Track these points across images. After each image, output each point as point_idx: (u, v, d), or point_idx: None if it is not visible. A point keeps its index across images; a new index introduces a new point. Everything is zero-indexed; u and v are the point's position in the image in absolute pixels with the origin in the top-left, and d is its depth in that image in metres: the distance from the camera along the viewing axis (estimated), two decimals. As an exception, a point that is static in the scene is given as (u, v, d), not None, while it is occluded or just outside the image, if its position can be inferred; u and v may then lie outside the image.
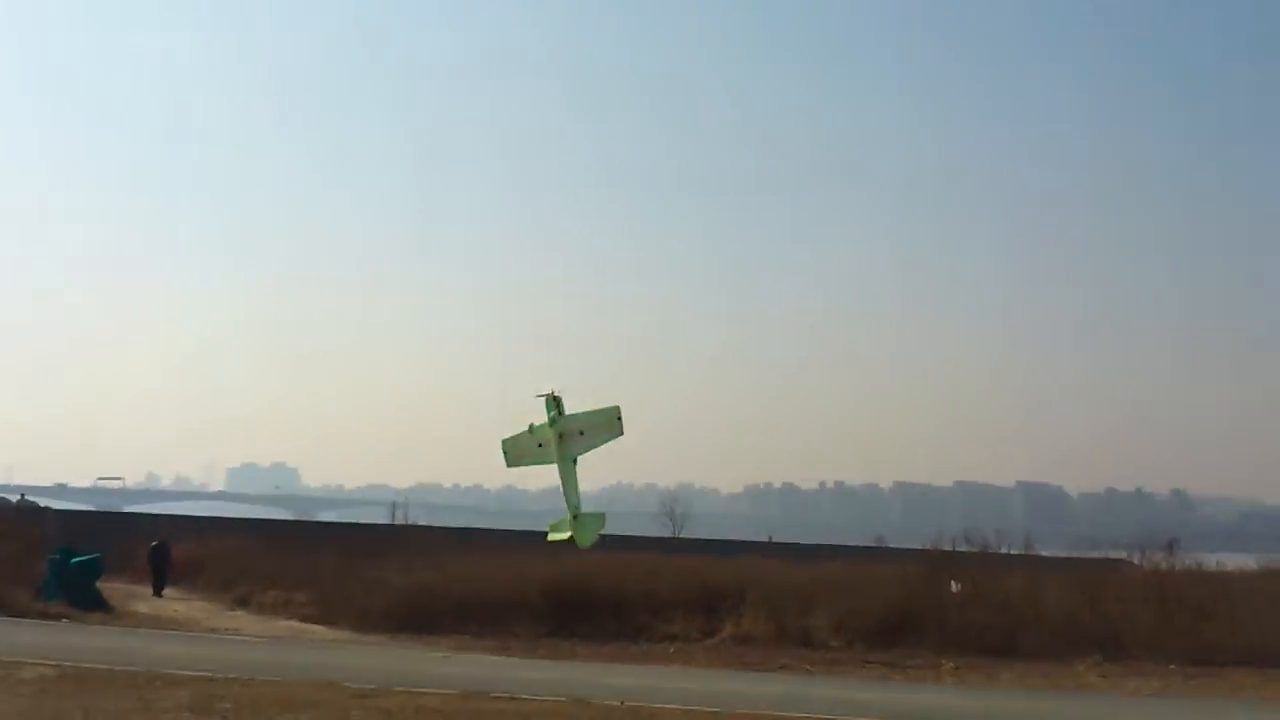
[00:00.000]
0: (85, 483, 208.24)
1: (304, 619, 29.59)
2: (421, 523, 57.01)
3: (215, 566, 36.60)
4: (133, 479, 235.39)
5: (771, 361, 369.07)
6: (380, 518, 74.57)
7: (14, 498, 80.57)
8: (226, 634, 26.11)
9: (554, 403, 12.40)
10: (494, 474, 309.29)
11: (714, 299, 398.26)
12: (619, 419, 13.05)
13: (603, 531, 14.99)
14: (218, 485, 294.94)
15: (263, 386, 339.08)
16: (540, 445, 12.77)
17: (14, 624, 24.93)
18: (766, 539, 65.30)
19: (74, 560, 29.85)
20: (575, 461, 13.16)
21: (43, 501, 74.58)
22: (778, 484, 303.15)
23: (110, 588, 30.74)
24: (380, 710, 15.24)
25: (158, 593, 33.58)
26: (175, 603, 32.23)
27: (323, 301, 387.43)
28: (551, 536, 13.51)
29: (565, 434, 12.51)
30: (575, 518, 12.69)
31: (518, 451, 13.39)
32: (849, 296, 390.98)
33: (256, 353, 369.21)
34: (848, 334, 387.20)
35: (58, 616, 26.69)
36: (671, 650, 26.13)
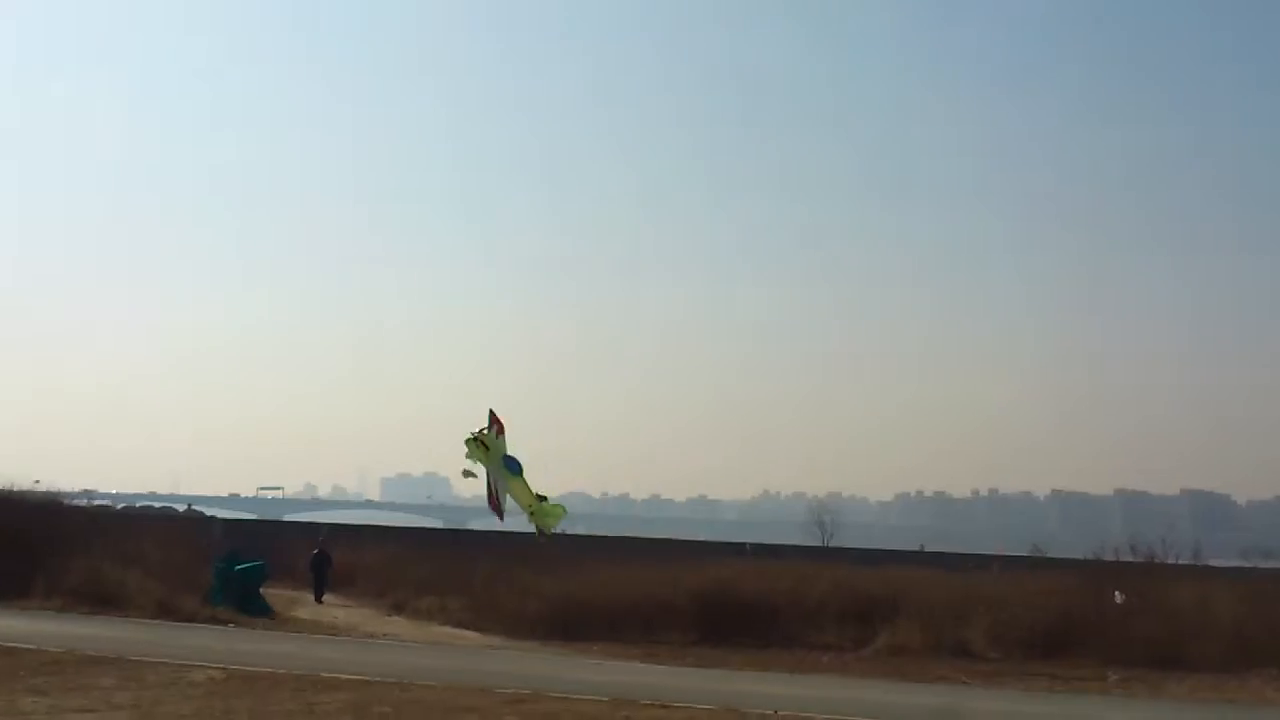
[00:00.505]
0: (248, 492, 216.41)
1: (458, 624, 30.06)
2: (570, 531, 57.37)
3: (371, 573, 37.43)
4: (292, 489, 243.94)
5: (919, 366, 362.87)
6: (530, 526, 75.54)
7: (181, 507, 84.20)
8: (384, 639, 26.66)
9: (476, 445, 13.19)
10: (640, 483, 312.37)
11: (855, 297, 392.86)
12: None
13: (559, 522, 15.27)
14: (372, 494, 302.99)
15: (417, 398, 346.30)
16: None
17: (184, 628, 25.90)
18: (918, 548, 64.11)
19: (238, 567, 30.85)
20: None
21: (208, 511, 77.67)
22: (929, 492, 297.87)
23: (272, 593, 31.66)
24: (534, 715, 15.34)
25: (318, 598, 34.32)
26: (334, 608, 33.05)
27: (480, 312, 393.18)
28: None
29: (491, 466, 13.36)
30: (533, 511, 13.40)
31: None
32: (1008, 298, 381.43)
33: (416, 363, 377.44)
34: (1003, 337, 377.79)
35: (224, 621, 27.57)
36: (825, 659, 25.76)
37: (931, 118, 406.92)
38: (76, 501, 41.98)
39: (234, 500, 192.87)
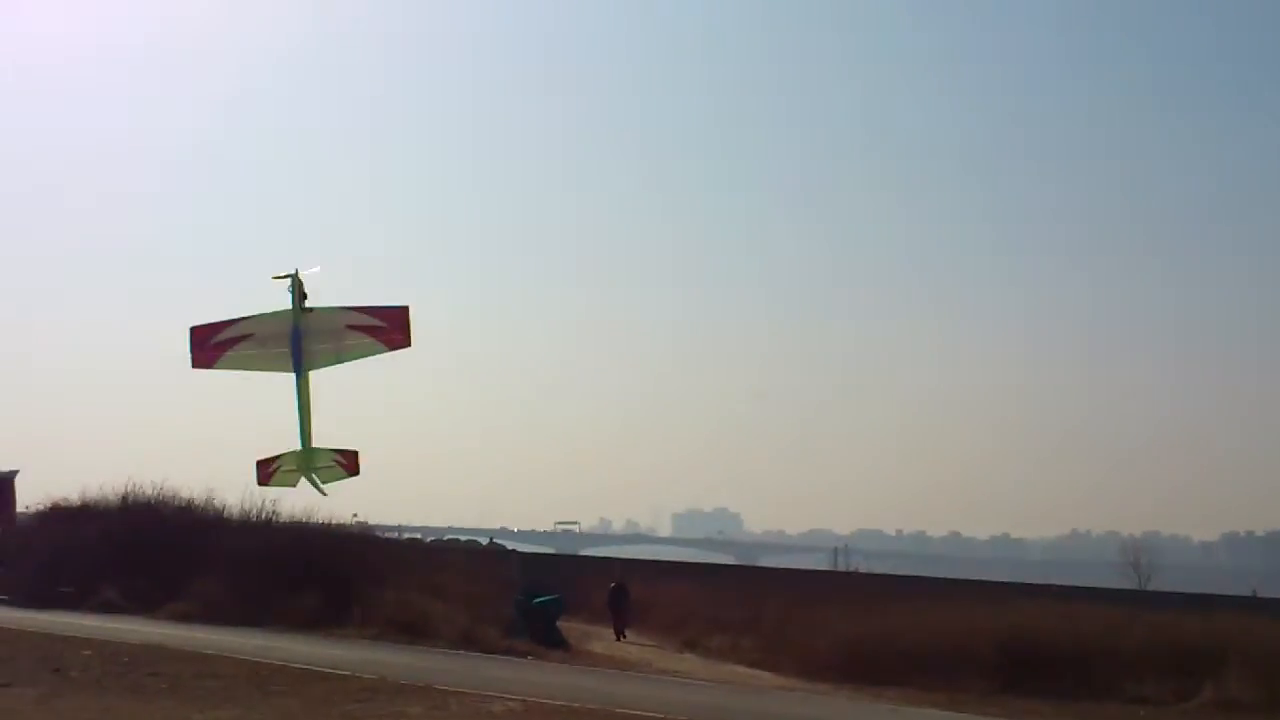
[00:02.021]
0: (545, 526, 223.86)
1: (750, 664, 29.76)
2: (864, 569, 56.14)
3: (663, 609, 37.56)
4: (587, 523, 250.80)
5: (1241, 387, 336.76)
6: (821, 564, 74.62)
7: (484, 540, 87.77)
8: (677, 677, 26.65)
9: (296, 284, 8.77)
10: (936, 520, 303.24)
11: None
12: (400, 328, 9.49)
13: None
14: (664, 530, 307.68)
15: (703, 433, 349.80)
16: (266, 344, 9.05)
17: (485, 659, 26.77)
18: (1251, 593, 59.01)
19: (537, 601, 31.66)
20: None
21: (508, 544, 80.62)
22: (1260, 531, 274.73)
23: (568, 626, 32.30)
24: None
25: (619, 635, 34.03)
26: (627, 644, 33.31)
27: (770, 339, 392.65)
28: (276, 482, 10.59)
29: (310, 332, 8.94)
30: (306, 451, 9.48)
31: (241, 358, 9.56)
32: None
33: (697, 399, 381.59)
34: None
35: (523, 653, 28.31)
36: (1142, 714, 23.90)
37: None
38: (389, 535, 44.32)
39: (531, 535, 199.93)
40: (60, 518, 40.98)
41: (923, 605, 31.72)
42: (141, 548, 35.08)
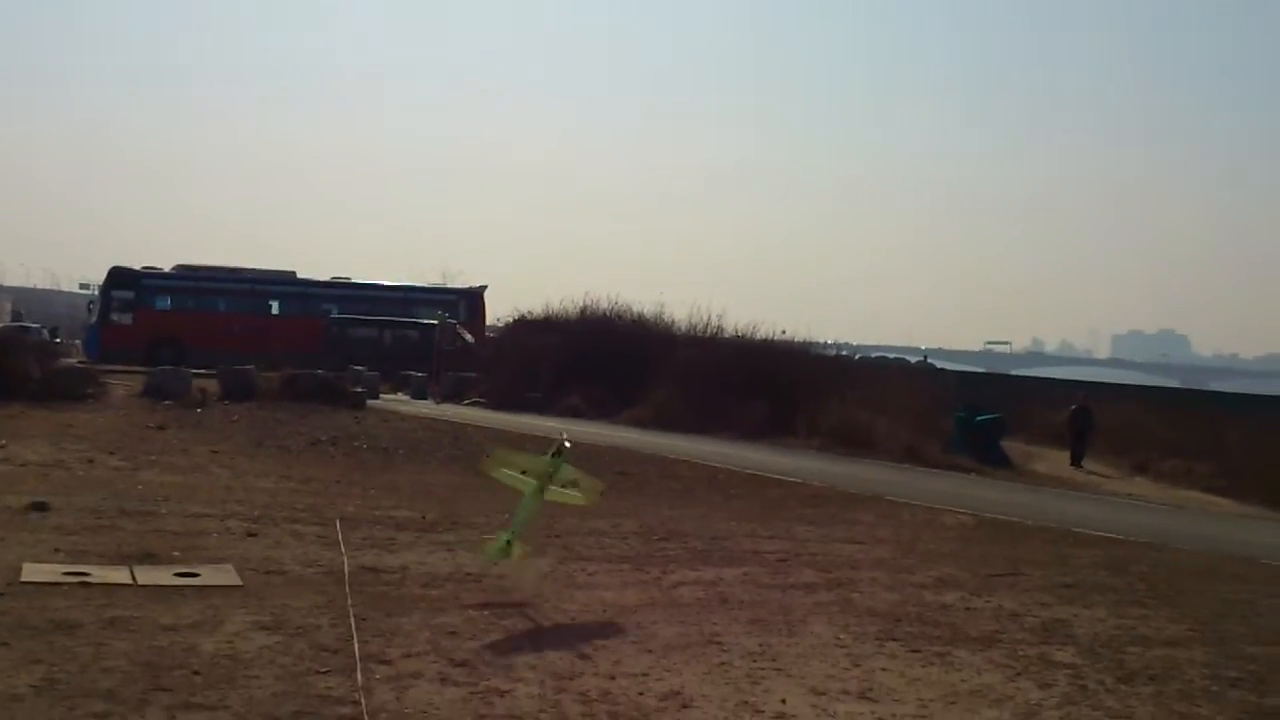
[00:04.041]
0: (974, 346, 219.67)
1: (1207, 490, 28.34)
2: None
3: (1108, 433, 36.13)
4: (1018, 344, 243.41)
5: None
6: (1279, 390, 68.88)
7: (914, 359, 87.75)
8: (1129, 499, 25.94)
9: (559, 451, 11.00)
10: None
11: None
12: (600, 494, 11.59)
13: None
14: (1101, 352, 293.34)
15: (1160, 249, 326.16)
16: (524, 472, 11.14)
17: (928, 473, 27.17)
18: None
19: (979, 418, 31.52)
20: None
21: (937, 363, 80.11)
22: None
23: (1008, 446, 31.96)
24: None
25: (1076, 462, 32.39)
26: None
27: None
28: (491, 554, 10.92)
29: (553, 475, 11.01)
30: (509, 542, 10.56)
31: (499, 460, 11.73)
32: None
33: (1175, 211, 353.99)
34: None
35: (965, 470, 28.47)
36: None
37: None
38: (826, 351, 45.33)
39: (960, 354, 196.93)
40: (526, 330, 44.99)
41: None
42: (599, 358, 37.94)
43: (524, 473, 11.19)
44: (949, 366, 79.92)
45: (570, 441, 11.54)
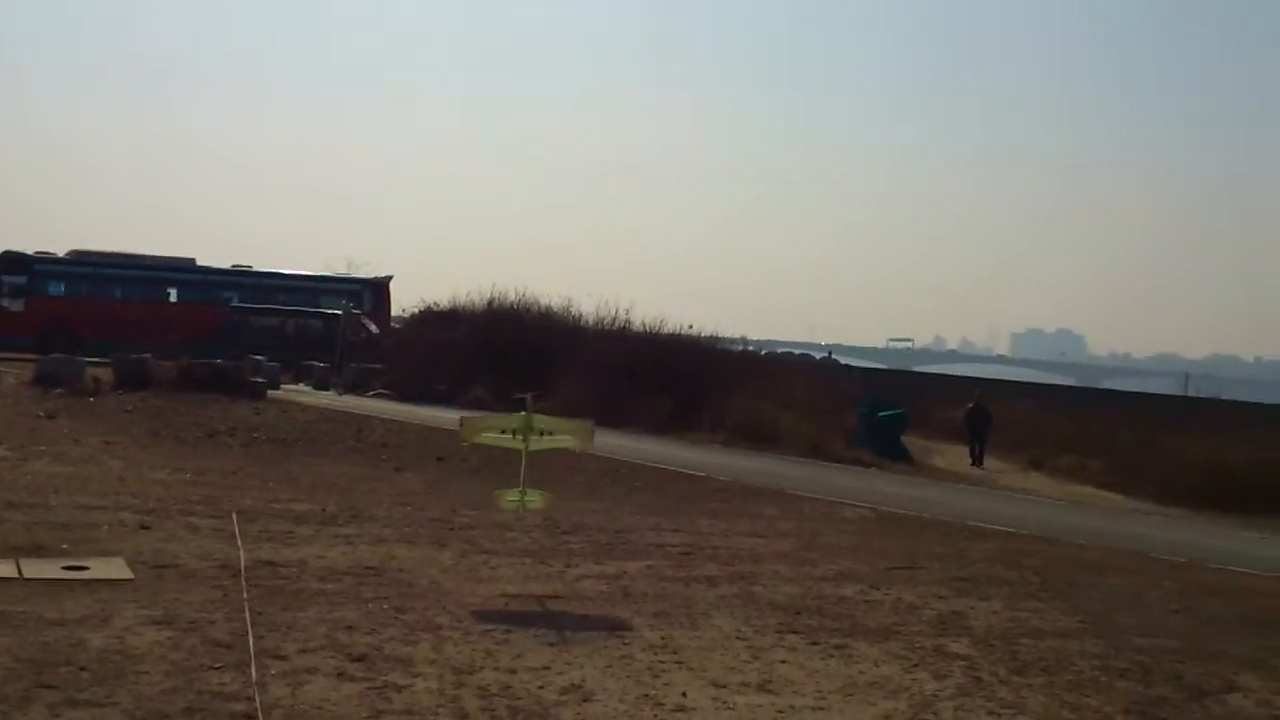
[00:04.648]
0: (877, 343, 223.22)
1: (1099, 485, 29.12)
2: (1224, 396, 52.82)
3: (1004, 428, 36.85)
4: (920, 341, 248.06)
5: None
6: (1169, 389, 70.98)
7: (818, 355, 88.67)
8: (1025, 494, 26.53)
9: (528, 404, 11.41)
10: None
11: None
12: (591, 433, 11.95)
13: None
14: (1001, 349, 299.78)
15: (1055, 249, 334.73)
16: (503, 432, 11.57)
17: (830, 468, 27.48)
18: None
19: (880, 414, 31.98)
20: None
21: (841, 359, 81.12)
22: None
23: (910, 442, 32.45)
24: (1195, 585, 14.49)
25: (976, 460, 32.28)
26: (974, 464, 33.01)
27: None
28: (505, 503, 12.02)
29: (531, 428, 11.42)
30: (523, 493, 11.48)
31: (473, 427, 12.02)
32: None
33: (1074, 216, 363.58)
34: None
35: (867, 464, 28.84)
36: None
37: None
38: (733, 346, 45.58)
39: (863, 350, 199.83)
40: (432, 321, 44.53)
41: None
42: (506, 350, 37.65)
43: (503, 432, 11.53)
44: (852, 363, 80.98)
45: (535, 396, 11.77)
